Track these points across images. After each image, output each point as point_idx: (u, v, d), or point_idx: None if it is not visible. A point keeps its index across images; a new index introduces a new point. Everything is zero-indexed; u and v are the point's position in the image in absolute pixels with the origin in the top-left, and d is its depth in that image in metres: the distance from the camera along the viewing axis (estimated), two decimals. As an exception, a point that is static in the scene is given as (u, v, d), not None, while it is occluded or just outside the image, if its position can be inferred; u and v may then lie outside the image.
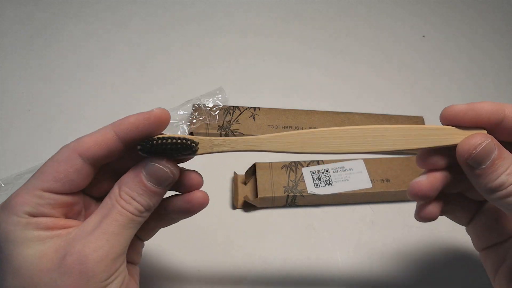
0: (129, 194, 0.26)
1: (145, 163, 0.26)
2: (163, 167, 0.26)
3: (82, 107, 0.56)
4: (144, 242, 0.33)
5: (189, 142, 0.26)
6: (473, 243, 0.33)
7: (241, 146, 0.27)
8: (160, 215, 0.30)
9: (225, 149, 0.27)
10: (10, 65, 0.61)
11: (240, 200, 0.47)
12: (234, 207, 0.47)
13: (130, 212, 0.25)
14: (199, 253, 0.43)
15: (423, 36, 0.70)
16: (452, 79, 0.64)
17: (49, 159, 0.26)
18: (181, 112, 0.53)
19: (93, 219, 0.25)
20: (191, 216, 0.31)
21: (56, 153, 0.26)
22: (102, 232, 0.24)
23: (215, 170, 0.50)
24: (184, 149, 0.26)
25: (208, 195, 0.31)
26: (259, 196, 0.45)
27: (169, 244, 0.43)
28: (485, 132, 0.26)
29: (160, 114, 0.26)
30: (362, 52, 0.67)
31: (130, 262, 0.30)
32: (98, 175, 0.28)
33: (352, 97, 0.60)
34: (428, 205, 0.29)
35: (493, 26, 0.73)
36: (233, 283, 0.41)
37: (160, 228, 0.32)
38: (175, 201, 0.30)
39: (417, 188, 0.28)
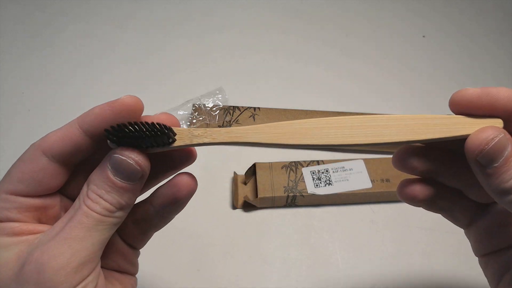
0: (96, 192, 0.23)
1: (109, 156, 0.23)
2: (125, 158, 0.22)
3: (82, 107, 0.56)
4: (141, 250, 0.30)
5: (164, 130, 0.23)
6: (473, 248, 0.30)
7: (224, 137, 0.24)
8: (149, 214, 0.27)
9: (206, 140, 0.24)
10: (10, 65, 0.61)
11: (240, 200, 0.47)
12: (234, 207, 0.47)
13: (98, 213, 0.22)
14: (199, 253, 0.43)
15: (423, 36, 0.70)
16: (452, 79, 0.64)
17: (17, 159, 0.24)
18: (181, 112, 0.53)
19: (59, 223, 0.23)
20: (181, 207, 0.27)
21: (24, 152, 0.24)
22: (64, 237, 0.22)
23: (215, 170, 0.50)
24: (156, 137, 0.23)
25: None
26: (259, 196, 0.45)
27: (169, 244, 0.43)
28: (501, 122, 0.23)
29: (129, 102, 0.23)
30: (362, 52, 0.67)
31: (123, 272, 0.28)
32: (77, 175, 0.25)
33: (352, 97, 0.60)
34: (414, 184, 0.27)
35: (493, 25, 0.73)
36: (233, 283, 0.41)
37: (153, 231, 0.29)
38: (159, 192, 0.26)
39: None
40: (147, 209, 0.27)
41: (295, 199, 0.46)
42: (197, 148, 0.26)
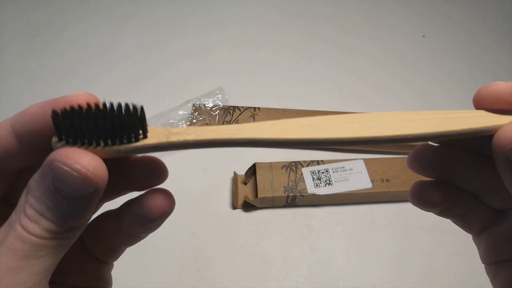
0: (35, 208, 0.17)
1: (50, 161, 0.17)
2: (68, 168, 0.16)
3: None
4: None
5: (126, 121, 0.17)
6: (482, 255, 0.27)
7: (211, 134, 0.18)
8: (118, 230, 0.21)
9: (188, 138, 0.18)
10: (10, 65, 0.61)
11: (240, 200, 0.47)
12: (234, 207, 0.47)
13: (37, 236, 0.17)
14: (199, 253, 0.43)
15: (423, 36, 0.70)
16: (453, 79, 0.64)
17: None
18: (181, 112, 0.53)
19: None
20: (153, 228, 0.21)
21: None
22: None
23: (215, 170, 0.50)
24: (122, 129, 0.17)
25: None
26: (259, 196, 0.45)
27: (169, 244, 0.43)
28: None
29: (79, 100, 0.18)
30: (362, 52, 0.67)
31: None
32: (22, 178, 0.20)
33: (352, 97, 0.60)
34: (429, 188, 0.24)
35: (493, 25, 0.73)
36: (233, 283, 0.41)
37: (125, 247, 0.23)
38: (128, 208, 0.21)
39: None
40: (116, 223, 0.21)
41: (295, 199, 0.46)
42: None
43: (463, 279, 0.42)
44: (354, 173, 0.47)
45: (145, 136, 0.18)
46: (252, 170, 0.48)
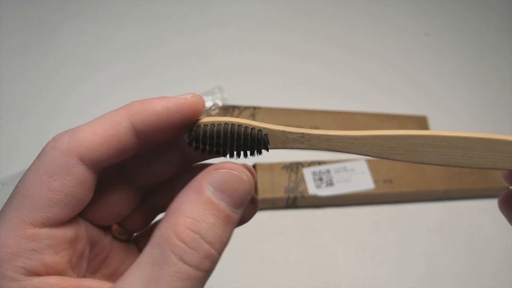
0: (195, 229, 0.15)
1: (207, 172, 0.16)
2: (238, 173, 0.16)
3: (81, 106, 0.56)
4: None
5: (256, 131, 0.19)
6: None
7: (323, 145, 0.20)
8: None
9: (301, 146, 0.20)
10: (8, 65, 0.61)
11: (240, 201, 0.46)
12: (233, 208, 0.46)
13: (197, 267, 0.15)
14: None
15: (426, 34, 0.69)
16: (456, 78, 0.63)
17: (30, 170, 0.17)
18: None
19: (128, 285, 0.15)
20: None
21: (40, 158, 0.17)
22: None
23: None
24: (253, 142, 0.19)
25: None
26: (259, 197, 0.44)
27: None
28: None
29: (197, 105, 0.18)
30: (364, 50, 0.66)
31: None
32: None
33: (354, 96, 0.59)
34: None
35: (498, 22, 0.72)
36: (233, 285, 0.41)
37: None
38: None
39: None
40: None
41: (295, 200, 0.45)
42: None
43: (466, 281, 0.42)
44: (356, 174, 0.46)
45: (267, 144, 0.19)
46: (252, 171, 0.47)
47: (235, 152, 0.19)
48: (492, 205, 0.47)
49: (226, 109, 0.52)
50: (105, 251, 0.20)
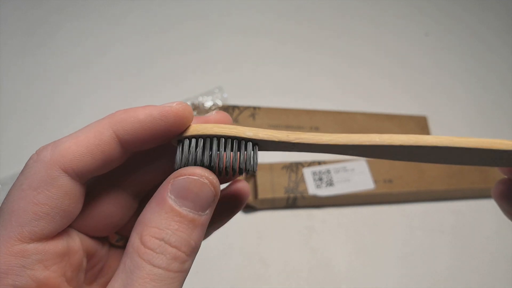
0: (158, 236, 0.16)
1: (168, 181, 0.17)
2: (198, 177, 0.17)
3: (79, 106, 0.56)
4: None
5: (245, 155, 0.18)
6: None
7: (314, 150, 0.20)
8: None
9: (292, 150, 0.20)
10: (6, 65, 0.61)
11: (240, 201, 0.46)
12: (233, 208, 0.46)
13: (164, 268, 0.16)
14: (197, 255, 0.42)
15: (426, 34, 0.69)
16: (456, 78, 0.63)
17: (14, 185, 0.17)
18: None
19: None
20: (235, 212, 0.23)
21: (24, 172, 0.17)
22: None
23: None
24: (241, 166, 0.19)
25: None
26: (259, 197, 0.44)
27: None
28: None
29: (183, 112, 0.18)
30: (364, 50, 0.66)
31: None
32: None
33: (354, 96, 0.59)
34: None
35: (498, 23, 0.72)
36: (232, 285, 0.41)
37: None
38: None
39: None
40: None
41: (295, 200, 0.45)
42: None
43: (467, 281, 0.42)
44: (356, 174, 0.46)
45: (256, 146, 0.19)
46: (252, 171, 0.47)
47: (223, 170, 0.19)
48: (492, 205, 0.47)
49: (226, 109, 0.52)
50: (102, 261, 0.21)
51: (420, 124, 0.53)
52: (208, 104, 0.52)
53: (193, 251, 0.17)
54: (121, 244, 0.22)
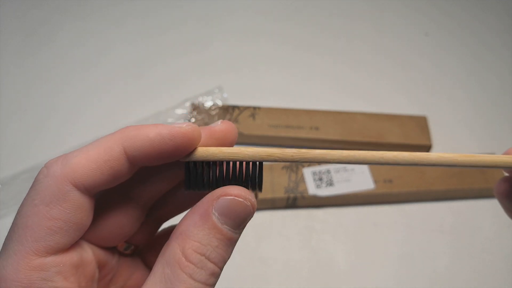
0: (201, 252, 0.17)
1: (214, 198, 0.18)
2: (243, 199, 0.18)
3: (79, 106, 0.56)
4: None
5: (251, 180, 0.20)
6: None
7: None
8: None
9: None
10: (6, 65, 0.61)
11: (240, 201, 0.46)
12: (233, 208, 0.46)
13: (204, 283, 0.17)
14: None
15: (426, 34, 0.69)
16: (456, 78, 0.63)
17: (26, 200, 0.17)
18: (179, 111, 0.52)
19: None
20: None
21: (35, 187, 0.17)
22: None
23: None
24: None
25: None
26: (258, 197, 0.44)
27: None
28: None
29: (192, 134, 0.18)
30: (364, 50, 0.66)
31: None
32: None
33: (354, 96, 0.59)
34: None
35: (498, 23, 0.72)
36: (232, 286, 0.41)
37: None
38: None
39: None
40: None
41: (295, 200, 0.45)
42: None
43: (467, 281, 0.42)
44: (356, 174, 0.46)
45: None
46: (252, 171, 0.47)
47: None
48: (492, 205, 0.47)
49: (226, 109, 0.52)
50: (113, 270, 0.21)
51: (420, 124, 0.53)
52: (208, 104, 0.52)
53: (224, 265, 0.18)
54: (129, 252, 0.22)
